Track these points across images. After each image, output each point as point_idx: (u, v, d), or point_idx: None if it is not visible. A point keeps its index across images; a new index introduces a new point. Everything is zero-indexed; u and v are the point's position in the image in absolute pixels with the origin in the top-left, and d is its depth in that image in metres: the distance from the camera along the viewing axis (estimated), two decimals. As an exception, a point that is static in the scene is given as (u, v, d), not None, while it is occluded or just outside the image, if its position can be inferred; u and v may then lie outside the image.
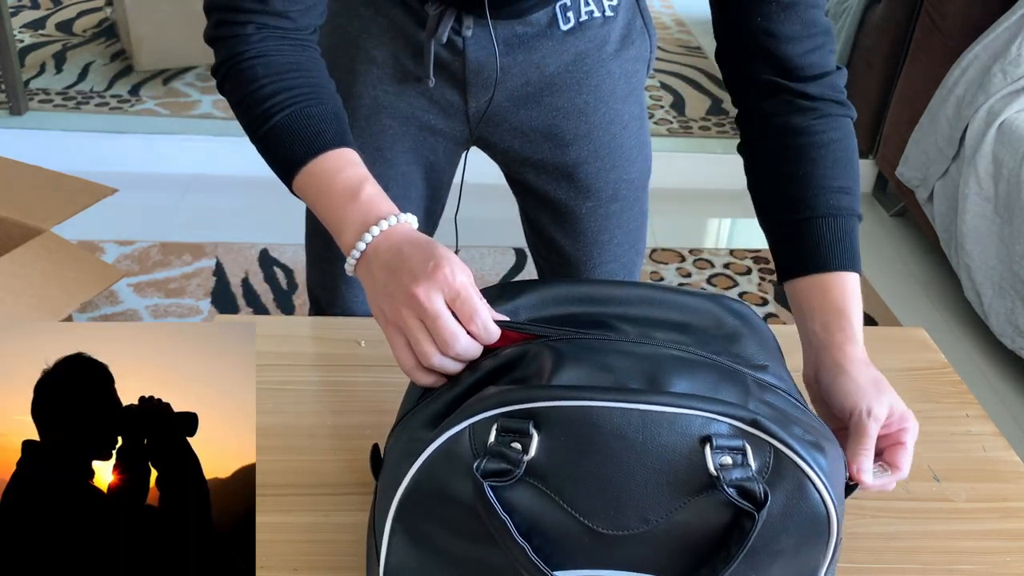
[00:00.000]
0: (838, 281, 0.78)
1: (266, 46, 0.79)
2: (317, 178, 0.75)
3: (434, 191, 1.11)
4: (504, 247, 2.48)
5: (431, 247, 0.66)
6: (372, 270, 0.69)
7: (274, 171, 0.79)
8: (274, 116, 0.77)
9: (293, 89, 0.78)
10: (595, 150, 1.06)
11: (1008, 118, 2.16)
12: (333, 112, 0.79)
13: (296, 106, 0.77)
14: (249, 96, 0.78)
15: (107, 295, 2.19)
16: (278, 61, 0.79)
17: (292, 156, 0.76)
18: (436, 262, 0.64)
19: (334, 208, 0.73)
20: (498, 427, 0.57)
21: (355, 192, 0.73)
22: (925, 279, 2.52)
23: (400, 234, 0.70)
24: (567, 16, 0.98)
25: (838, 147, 0.81)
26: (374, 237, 0.70)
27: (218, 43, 0.81)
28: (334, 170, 0.75)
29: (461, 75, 0.99)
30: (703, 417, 0.56)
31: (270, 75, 0.78)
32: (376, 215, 0.71)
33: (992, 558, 0.76)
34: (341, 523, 0.76)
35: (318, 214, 0.75)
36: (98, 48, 3.52)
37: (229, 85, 0.80)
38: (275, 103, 0.77)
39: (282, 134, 0.77)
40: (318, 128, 0.76)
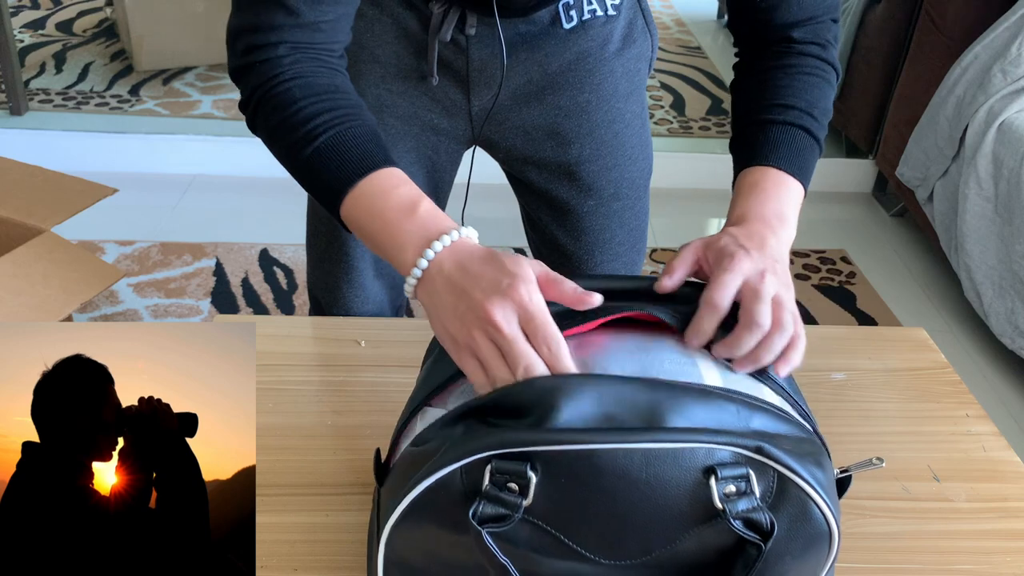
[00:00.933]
0: (763, 173, 0.79)
1: (301, 68, 0.76)
2: (369, 199, 0.71)
3: (436, 190, 1.11)
4: (504, 247, 2.49)
5: (501, 262, 0.63)
6: (437, 289, 0.65)
7: (318, 197, 0.75)
8: (318, 138, 0.73)
9: (335, 110, 0.74)
10: (597, 148, 1.06)
11: (1008, 118, 2.16)
12: (374, 132, 0.75)
13: (340, 127, 0.74)
14: (288, 120, 0.75)
15: (107, 295, 2.20)
16: (315, 83, 0.76)
17: (340, 178, 0.72)
18: (511, 281, 0.61)
19: (389, 227, 0.69)
20: (492, 468, 0.55)
21: (411, 208, 0.69)
22: (925, 279, 2.52)
23: (464, 249, 0.65)
24: (570, 15, 0.99)
25: (800, 77, 0.85)
26: (436, 253, 0.65)
27: (248, 71, 0.77)
28: (387, 188, 0.71)
29: (464, 74, 0.99)
30: (707, 448, 0.55)
31: (308, 96, 0.75)
32: (437, 230, 0.67)
33: (991, 558, 0.76)
34: (341, 523, 0.76)
35: (370, 239, 0.71)
36: (98, 48, 3.52)
37: (263, 112, 0.76)
38: (318, 124, 0.74)
39: (328, 156, 0.73)
40: (365, 148, 0.73)
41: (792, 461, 0.56)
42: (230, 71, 0.79)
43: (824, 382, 0.95)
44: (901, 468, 0.84)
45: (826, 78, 0.87)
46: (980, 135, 2.20)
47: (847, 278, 2.48)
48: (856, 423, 0.90)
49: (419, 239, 0.66)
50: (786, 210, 0.77)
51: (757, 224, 0.73)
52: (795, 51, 0.87)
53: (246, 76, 0.77)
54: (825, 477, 0.58)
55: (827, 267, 2.52)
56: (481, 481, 0.55)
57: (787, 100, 0.84)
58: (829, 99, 0.87)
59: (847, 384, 0.95)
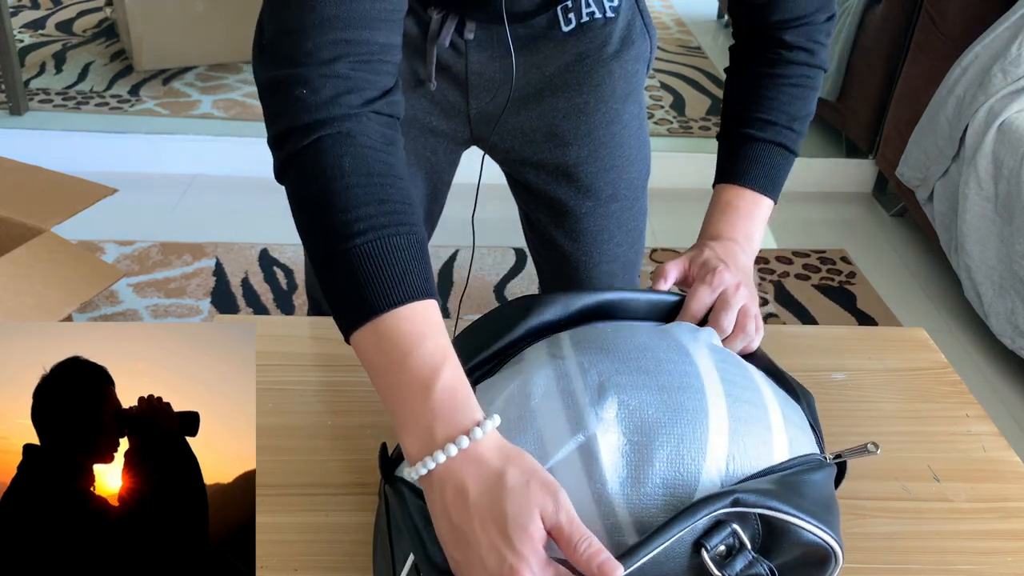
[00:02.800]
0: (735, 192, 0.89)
1: (355, 125, 0.63)
2: (386, 340, 0.59)
3: (434, 191, 1.11)
4: (504, 247, 2.48)
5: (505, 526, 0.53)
6: (434, 506, 0.57)
7: (330, 302, 0.62)
8: (355, 236, 0.60)
9: (385, 203, 0.61)
10: (595, 150, 1.06)
11: (1008, 118, 2.16)
12: (420, 243, 0.62)
13: (384, 229, 0.61)
14: (331, 197, 0.61)
15: (107, 295, 2.19)
16: (371, 156, 0.63)
17: (366, 299, 0.60)
18: (514, 562, 0.53)
19: (400, 396, 0.59)
20: None
21: (430, 382, 0.58)
22: (925, 279, 2.52)
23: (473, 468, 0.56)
24: (568, 17, 0.99)
25: (784, 87, 0.91)
26: (438, 464, 0.56)
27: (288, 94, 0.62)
28: (411, 339, 0.59)
29: (463, 77, 0.99)
30: (689, 528, 0.56)
31: (360, 173, 0.61)
32: (447, 430, 0.57)
33: (992, 558, 0.76)
34: (341, 523, 0.76)
35: (376, 383, 0.61)
36: (98, 48, 3.52)
37: (301, 169, 0.63)
38: (359, 217, 0.60)
39: (360, 263, 0.60)
40: (403, 269, 0.60)
41: (769, 500, 0.57)
42: (259, 83, 0.66)
43: (824, 382, 0.95)
44: (901, 468, 0.84)
45: (811, 85, 0.93)
46: (980, 135, 2.20)
47: (847, 278, 2.48)
48: (856, 423, 0.90)
49: (426, 432, 0.57)
50: (755, 229, 0.89)
51: (731, 244, 0.85)
52: (784, 59, 0.91)
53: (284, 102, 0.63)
54: (808, 499, 0.59)
55: (827, 267, 2.52)
56: None
57: (770, 115, 0.90)
58: (812, 103, 0.93)
59: (847, 384, 0.95)
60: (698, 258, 0.83)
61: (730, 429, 0.60)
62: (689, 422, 0.60)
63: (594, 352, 0.65)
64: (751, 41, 0.94)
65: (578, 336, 0.68)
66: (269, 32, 0.65)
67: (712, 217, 0.89)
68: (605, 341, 0.66)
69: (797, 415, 0.67)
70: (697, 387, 0.62)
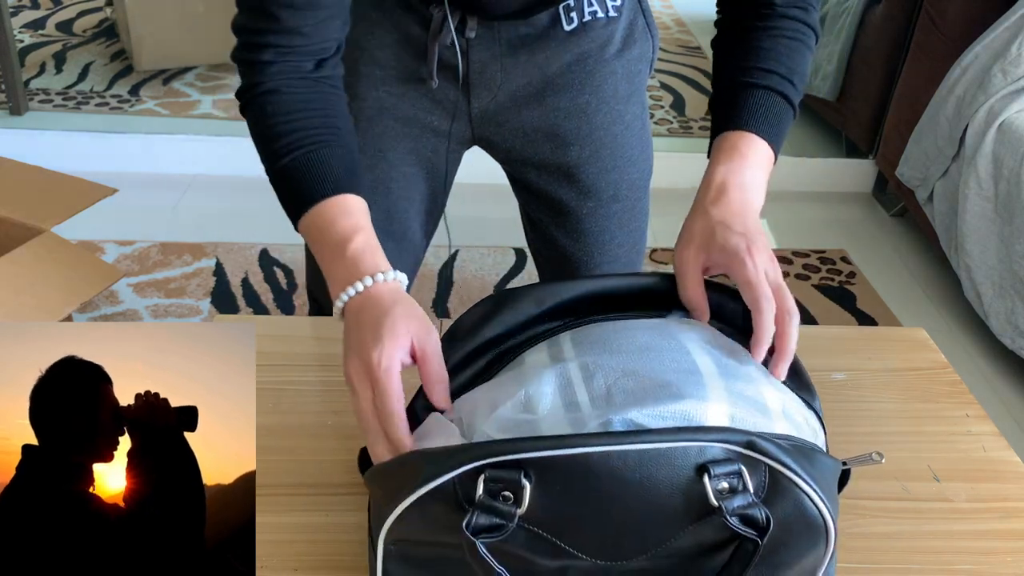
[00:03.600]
0: (733, 137, 0.81)
1: (279, 82, 0.80)
2: (313, 230, 0.77)
3: (435, 191, 1.11)
4: (504, 247, 2.48)
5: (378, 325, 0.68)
6: (348, 324, 0.72)
7: (284, 208, 0.81)
8: (282, 158, 0.79)
9: (300, 131, 0.79)
10: (596, 150, 1.06)
11: (1008, 118, 2.16)
12: (339, 155, 0.80)
13: (301, 151, 0.78)
14: (263, 133, 0.81)
15: (107, 295, 2.19)
16: (288, 100, 0.80)
17: (295, 200, 0.79)
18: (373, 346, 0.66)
19: (324, 262, 0.76)
20: (486, 477, 0.55)
21: (341, 248, 0.75)
22: (925, 279, 2.52)
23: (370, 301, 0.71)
24: (570, 16, 0.98)
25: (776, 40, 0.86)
26: (344, 303, 0.72)
27: (240, 66, 0.83)
28: (326, 223, 0.77)
29: (464, 76, 0.99)
30: (698, 446, 0.55)
31: (279, 115, 0.80)
32: (356, 276, 0.73)
33: (992, 558, 0.76)
34: (341, 523, 0.76)
35: (315, 256, 0.78)
36: (98, 48, 3.52)
37: (248, 115, 0.83)
38: (282, 145, 0.79)
39: (289, 176, 0.79)
40: (320, 174, 0.78)
41: (783, 455, 0.56)
42: (231, 58, 0.84)
43: (824, 382, 0.95)
44: (901, 468, 0.84)
45: (807, 42, 0.88)
46: (980, 135, 2.20)
47: (847, 278, 2.48)
48: (856, 423, 0.90)
49: (343, 280, 0.73)
50: (760, 177, 0.81)
51: (737, 194, 0.78)
52: (777, 13, 0.87)
53: (241, 70, 0.83)
54: (817, 471, 0.58)
55: (827, 267, 2.52)
56: (474, 491, 0.55)
57: (768, 64, 0.85)
58: (808, 64, 0.89)
59: (847, 384, 0.95)
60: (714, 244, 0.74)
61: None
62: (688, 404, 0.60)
63: (596, 354, 0.65)
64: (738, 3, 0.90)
65: (579, 338, 0.68)
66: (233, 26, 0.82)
67: (714, 163, 0.81)
68: (606, 343, 0.66)
69: (802, 415, 0.67)
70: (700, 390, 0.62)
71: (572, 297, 0.73)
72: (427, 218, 1.13)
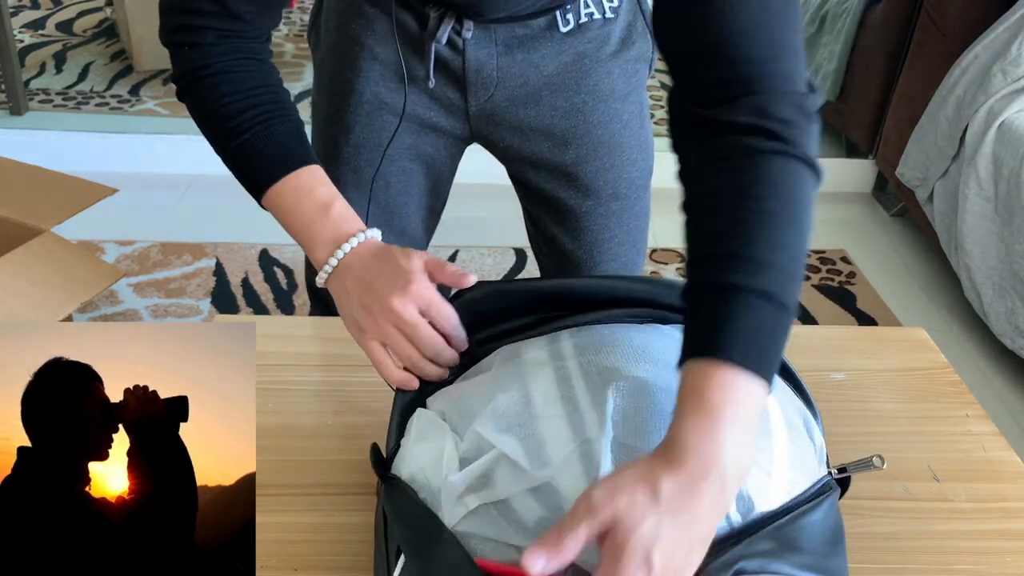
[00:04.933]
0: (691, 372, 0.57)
1: (227, 61, 0.81)
2: (286, 196, 0.79)
3: (435, 186, 1.12)
4: (504, 247, 2.48)
5: (396, 260, 0.72)
6: (345, 284, 0.74)
7: (242, 184, 0.82)
8: (242, 134, 0.79)
9: (259, 107, 0.80)
10: (594, 149, 1.06)
11: (1008, 118, 2.16)
12: (297, 129, 0.81)
13: (262, 125, 0.79)
14: (215, 112, 0.81)
15: (107, 295, 2.19)
16: (242, 78, 0.81)
17: (261, 174, 0.79)
18: (406, 277, 0.71)
19: (304, 225, 0.78)
20: None
21: (325, 209, 0.77)
22: (925, 279, 2.52)
23: (368, 249, 0.75)
24: (567, 18, 0.99)
25: (748, 200, 0.60)
26: (345, 253, 0.75)
27: (178, 50, 0.82)
28: (304, 188, 0.78)
29: (461, 75, 0.99)
30: None
31: (234, 92, 0.80)
32: (346, 232, 0.76)
33: (992, 558, 0.76)
34: (341, 523, 0.76)
35: (287, 229, 0.79)
36: (98, 48, 3.52)
37: (191, 99, 0.83)
38: (242, 121, 0.79)
39: (250, 152, 0.80)
40: (285, 146, 0.79)
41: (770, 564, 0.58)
42: (161, 40, 0.84)
43: (824, 382, 0.95)
44: (901, 468, 0.84)
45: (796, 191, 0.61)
46: (980, 135, 2.20)
47: (847, 278, 2.48)
48: (856, 423, 0.90)
49: (330, 239, 0.76)
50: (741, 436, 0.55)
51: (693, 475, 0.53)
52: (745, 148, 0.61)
53: (176, 56, 0.83)
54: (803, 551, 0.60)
55: (827, 267, 2.52)
56: None
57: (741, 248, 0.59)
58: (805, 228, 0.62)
59: (847, 384, 0.95)
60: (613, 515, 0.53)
61: None
62: None
63: (594, 354, 0.65)
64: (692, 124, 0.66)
65: (579, 337, 0.68)
66: (163, 6, 0.83)
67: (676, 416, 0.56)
68: (605, 343, 0.66)
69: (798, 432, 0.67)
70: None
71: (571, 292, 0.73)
72: (427, 213, 1.13)
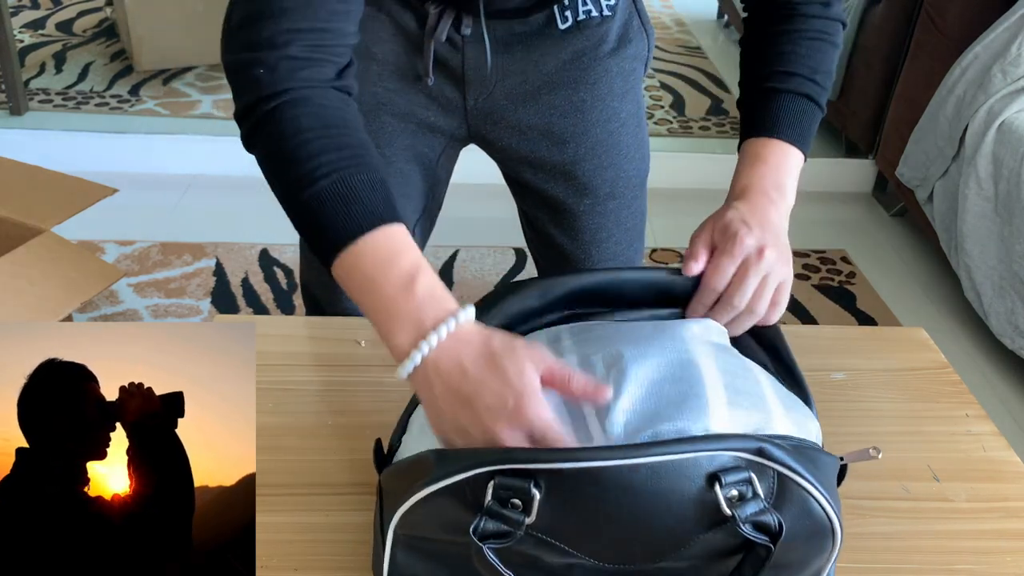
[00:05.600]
0: (762, 144, 0.84)
1: (310, 91, 0.69)
2: (367, 261, 0.65)
3: (432, 188, 1.11)
4: (504, 247, 2.48)
5: (504, 370, 0.59)
6: (433, 389, 0.61)
7: (310, 244, 0.69)
8: (319, 180, 0.67)
9: (343, 150, 0.68)
10: (592, 147, 1.06)
11: (1008, 118, 2.16)
12: (382, 181, 0.69)
13: (345, 171, 0.67)
14: (290, 152, 0.68)
15: (107, 295, 2.19)
16: (326, 112, 0.70)
17: (339, 231, 0.66)
18: (516, 400, 0.58)
19: (384, 302, 0.64)
20: (496, 484, 0.55)
21: (409, 284, 0.64)
22: (925, 279, 2.52)
23: (463, 344, 0.61)
24: (565, 16, 0.99)
25: (804, 40, 0.87)
26: (432, 349, 0.61)
27: (248, 73, 0.70)
28: (387, 255, 0.65)
29: (460, 72, 0.99)
30: (708, 455, 0.55)
31: (316, 128, 0.68)
32: (434, 317, 0.62)
33: (992, 558, 0.76)
34: (341, 523, 0.76)
35: (361, 303, 0.66)
36: (98, 48, 3.52)
37: (264, 134, 0.70)
38: (321, 164, 0.67)
39: (328, 202, 0.66)
40: (370, 199, 0.67)
41: (790, 460, 0.56)
42: (226, 66, 0.73)
43: (824, 382, 0.95)
44: (901, 468, 0.84)
45: (831, 40, 0.89)
46: (980, 135, 2.20)
47: (847, 278, 2.48)
48: (856, 423, 0.90)
49: (414, 325, 0.62)
50: (786, 181, 0.82)
51: (759, 197, 0.79)
52: (798, 12, 0.88)
53: (246, 81, 0.71)
54: (821, 472, 0.58)
55: (827, 267, 2.52)
56: (483, 496, 0.55)
57: (790, 67, 0.86)
58: (833, 60, 0.89)
59: (847, 384, 0.95)
60: (720, 220, 0.78)
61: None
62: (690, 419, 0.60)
63: (596, 346, 0.65)
64: (762, 5, 0.91)
65: (579, 332, 0.68)
66: (235, 20, 0.74)
67: (739, 171, 0.85)
68: (607, 337, 0.66)
69: (801, 412, 0.67)
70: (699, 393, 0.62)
71: (576, 288, 0.72)
72: (424, 215, 1.13)
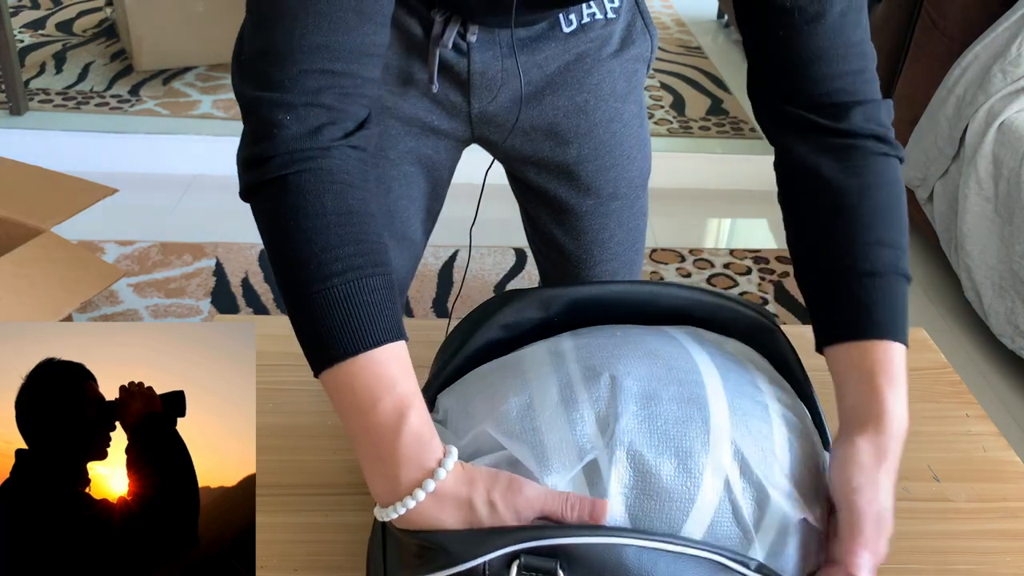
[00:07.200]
0: (871, 350, 0.67)
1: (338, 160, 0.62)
2: (358, 381, 0.60)
3: (435, 189, 1.12)
4: (504, 247, 2.48)
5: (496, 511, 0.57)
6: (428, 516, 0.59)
7: (303, 346, 0.63)
8: (331, 277, 0.60)
9: (361, 244, 0.61)
10: (595, 148, 1.06)
11: (1008, 118, 2.16)
12: (392, 288, 0.63)
13: (359, 270, 0.61)
14: (309, 237, 0.61)
15: (107, 295, 2.19)
16: (349, 195, 0.62)
17: (339, 340, 0.60)
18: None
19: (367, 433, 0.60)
20: (520, 564, 0.55)
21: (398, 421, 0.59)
22: (925, 279, 2.52)
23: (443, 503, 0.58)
24: (569, 19, 0.99)
25: (878, 194, 0.70)
26: (418, 503, 0.58)
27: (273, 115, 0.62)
28: (380, 386, 0.60)
29: (465, 78, 0.99)
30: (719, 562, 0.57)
31: (340, 213, 0.61)
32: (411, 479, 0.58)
33: (991, 558, 0.76)
34: (341, 523, 0.76)
35: (343, 419, 0.61)
36: (98, 48, 3.52)
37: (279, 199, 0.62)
38: (337, 258, 0.60)
39: (335, 305, 0.60)
40: (378, 311, 0.60)
41: None
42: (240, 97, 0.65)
43: (825, 382, 0.95)
44: (901, 468, 0.84)
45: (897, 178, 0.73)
46: (980, 135, 2.20)
47: (847, 278, 2.48)
48: (856, 423, 0.90)
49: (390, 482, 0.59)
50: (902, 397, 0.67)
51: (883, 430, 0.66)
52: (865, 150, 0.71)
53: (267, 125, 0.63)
54: None
55: (827, 267, 2.52)
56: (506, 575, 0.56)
57: (877, 234, 0.69)
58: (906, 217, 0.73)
59: (847, 384, 0.95)
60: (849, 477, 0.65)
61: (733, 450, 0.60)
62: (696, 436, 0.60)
63: (599, 356, 0.65)
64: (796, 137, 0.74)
65: (582, 341, 0.68)
66: (252, 48, 0.64)
67: (845, 387, 0.68)
68: (610, 346, 0.66)
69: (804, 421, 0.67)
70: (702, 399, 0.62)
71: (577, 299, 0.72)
72: (427, 216, 1.13)
